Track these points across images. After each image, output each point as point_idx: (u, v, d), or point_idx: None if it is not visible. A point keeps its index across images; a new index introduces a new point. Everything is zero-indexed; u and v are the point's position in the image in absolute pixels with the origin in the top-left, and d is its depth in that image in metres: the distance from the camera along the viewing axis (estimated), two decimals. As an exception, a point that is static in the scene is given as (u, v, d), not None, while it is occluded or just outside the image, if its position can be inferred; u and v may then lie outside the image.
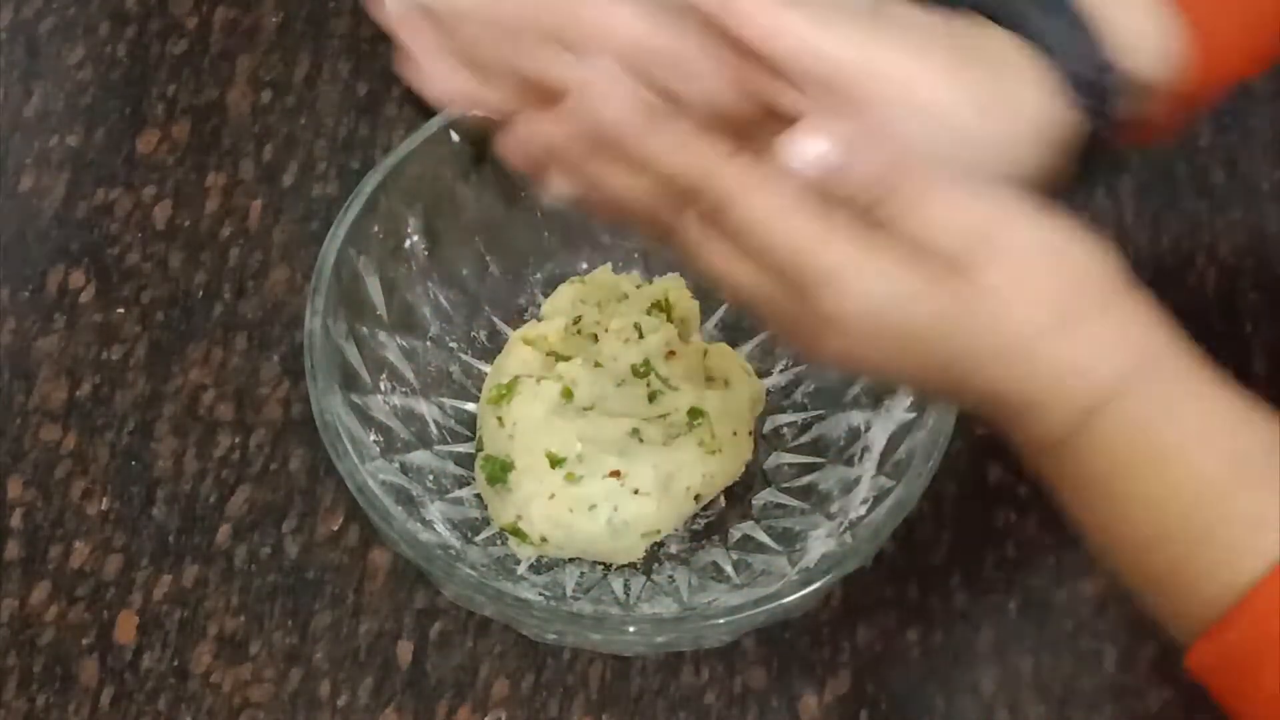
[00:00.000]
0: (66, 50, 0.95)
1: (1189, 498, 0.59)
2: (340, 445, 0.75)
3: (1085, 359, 0.60)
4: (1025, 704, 0.79)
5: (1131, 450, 0.60)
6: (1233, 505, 0.59)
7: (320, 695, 0.80)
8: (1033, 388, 0.60)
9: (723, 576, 0.79)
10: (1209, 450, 0.59)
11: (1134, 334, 0.60)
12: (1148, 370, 0.60)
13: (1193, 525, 0.59)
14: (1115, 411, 0.59)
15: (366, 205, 0.79)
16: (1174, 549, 0.59)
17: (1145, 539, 0.60)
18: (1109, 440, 0.60)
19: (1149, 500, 0.60)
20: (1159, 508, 0.60)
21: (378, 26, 0.94)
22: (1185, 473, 0.59)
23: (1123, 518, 0.61)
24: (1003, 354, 0.60)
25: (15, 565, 0.83)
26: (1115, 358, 0.60)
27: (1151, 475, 0.59)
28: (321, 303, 0.77)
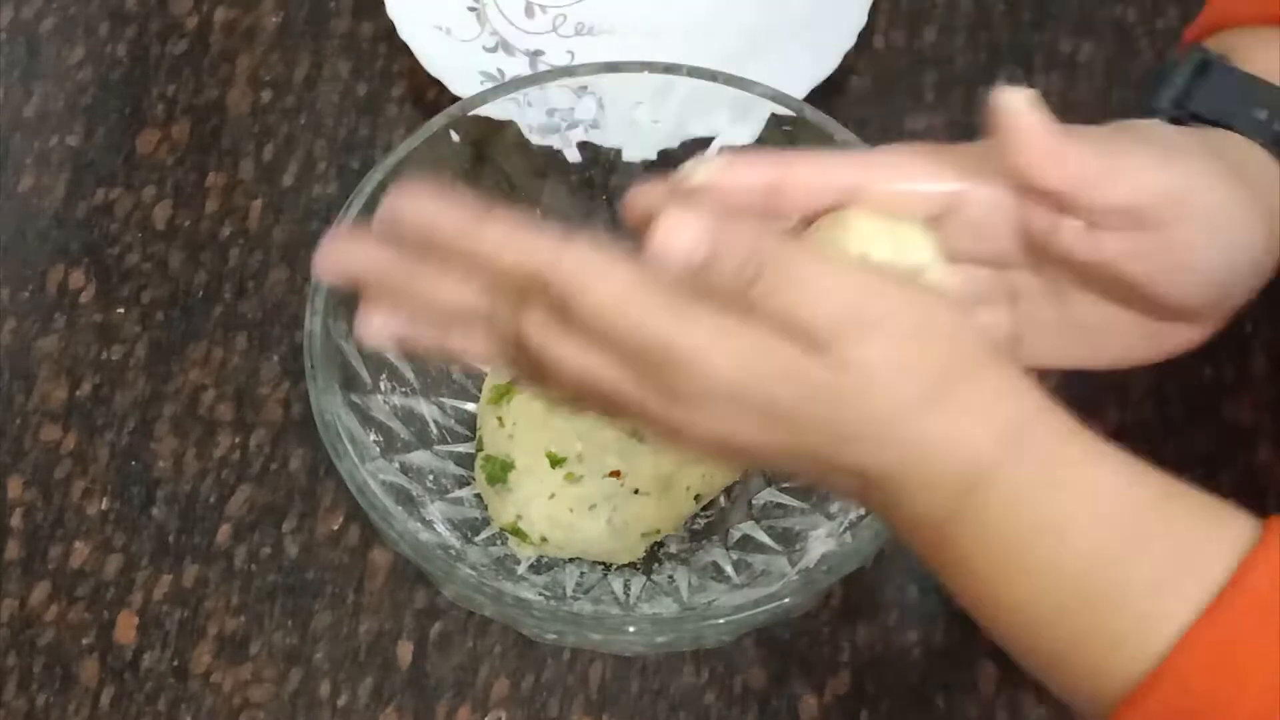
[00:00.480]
0: (66, 50, 0.95)
1: (1083, 568, 0.57)
2: (340, 445, 0.75)
3: (956, 432, 0.57)
4: (1025, 704, 0.79)
5: (1017, 526, 0.57)
6: (1131, 570, 0.57)
7: (320, 695, 0.80)
8: (904, 466, 0.58)
9: (723, 576, 0.79)
10: (1096, 516, 0.57)
11: (1005, 403, 0.58)
12: (1023, 439, 0.58)
13: (1091, 596, 0.57)
14: (994, 487, 0.57)
15: (366, 205, 0.79)
16: (1074, 623, 0.57)
17: (1042, 616, 0.58)
18: (991, 517, 0.58)
19: (1041, 575, 0.57)
20: (1053, 582, 0.57)
21: (378, 26, 0.95)
22: (1076, 543, 0.57)
23: (1016, 596, 0.58)
24: (871, 431, 0.58)
25: (15, 565, 0.83)
26: (987, 429, 0.58)
27: (1041, 550, 0.57)
28: (321, 303, 0.77)
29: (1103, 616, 0.57)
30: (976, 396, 0.58)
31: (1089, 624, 0.57)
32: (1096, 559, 0.57)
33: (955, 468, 0.58)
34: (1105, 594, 0.57)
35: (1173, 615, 0.56)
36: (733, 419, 0.58)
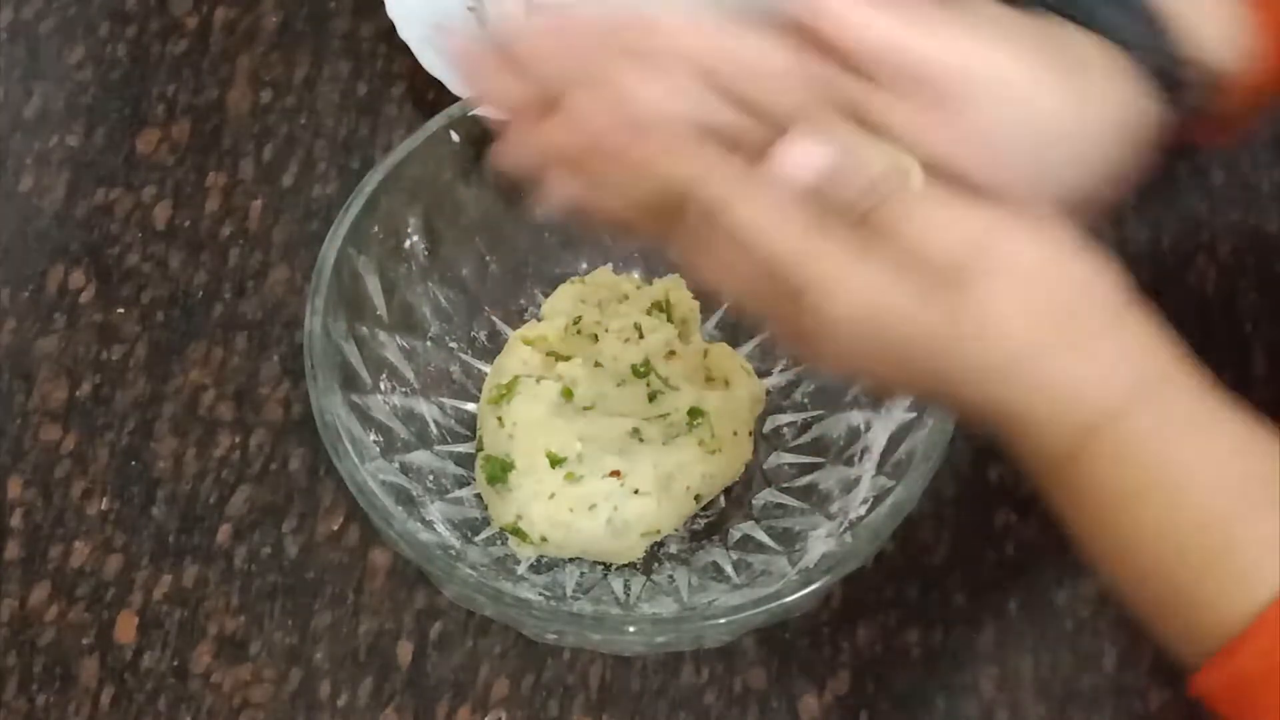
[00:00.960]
0: (66, 50, 0.95)
1: (1194, 523, 0.58)
2: (340, 445, 0.75)
3: (1081, 378, 0.59)
4: (1025, 704, 0.79)
5: (1134, 473, 0.59)
6: (1238, 530, 0.58)
7: (320, 695, 0.80)
8: (1026, 406, 0.59)
9: (723, 576, 0.79)
10: (1213, 474, 0.59)
11: (1136, 354, 0.60)
12: (1150, 391, 0.59)
13: (1198, 551, 0.58)
14: (1116, 433, 0.59)
15: (366, 205, 0.79)
16: (1179, 574, 0.59)
17: (1150, 564, 0.59)
18: (1110, 462, 0.59)
19: (1153, 525, 0.59)
20: (1163, 533, 0.59)
21: (378, 26, 0.95)
22: (1189, 497, 0.58)
23: (1127, 542, 0.60)
24: (995, 371, 0.59)
25: (15, 565, 0.83)
26: (1114, 377, 0.59)
27: (1155, 499, 0.59)
28: (321, 303, 0.77)
29: (1208, 569, 0.58)
30: (1105, 345, 0.59)
31: (1194, 574, 0.58)
32: (1210, 512, 0.58)
33: (1077, 414, 0.59)
34: (1214, 547, 0.58)
35: (1270, 579, 0.57)
36: (857, 346, 0.60)
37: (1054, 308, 0.59)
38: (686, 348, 0.82)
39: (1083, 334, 0.59)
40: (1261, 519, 0.58)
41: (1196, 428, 0.59)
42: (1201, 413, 0.60)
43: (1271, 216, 0.90)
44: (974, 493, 0.83)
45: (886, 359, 0.60)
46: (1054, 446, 0.60)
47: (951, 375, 0.60)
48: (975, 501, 0.83)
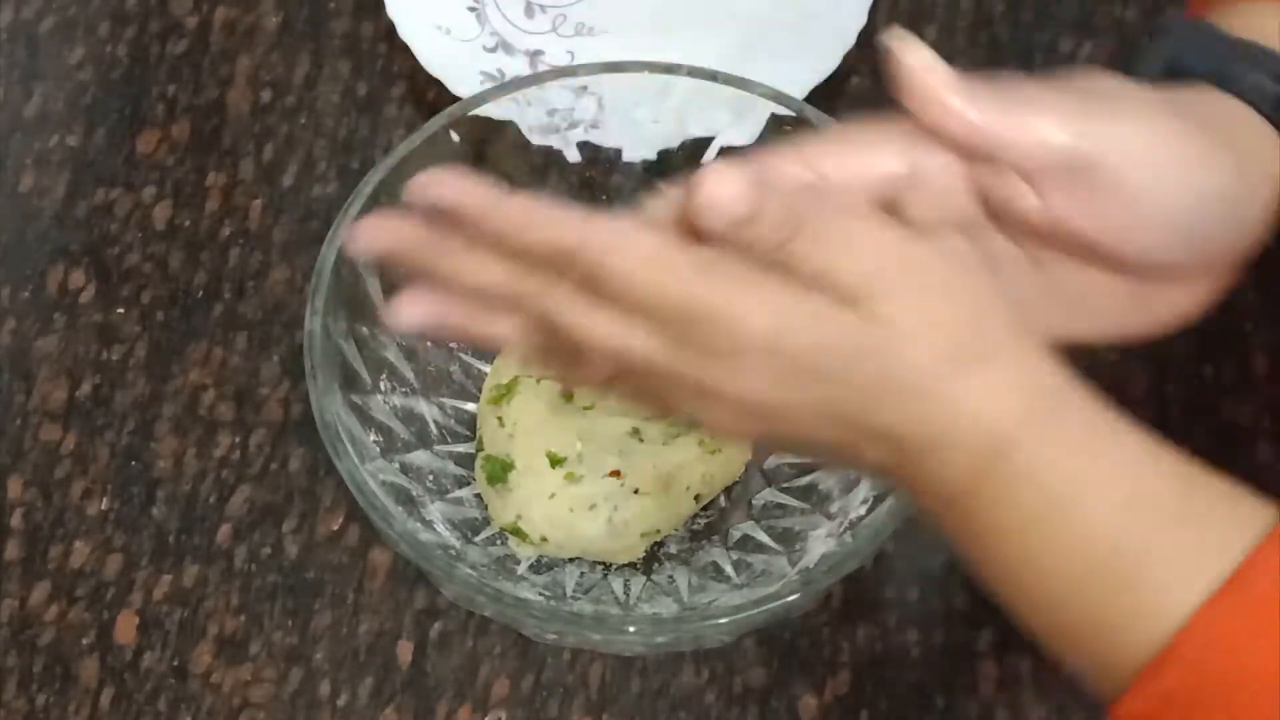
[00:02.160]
0: (66, 50, 0.95)
1: (1100, 543, 0.57)
2: (340, 445, 0.75)
3: (982, 399, 0.58)
4: (1025, 704, 0.79)
5: (1037, 497, 0.58)
6: (1147, 549, 0.57)
7: (320, 695, 0.80)
8: (930, 428, 0.58)
9: (723, 576, 0.79)
10: (1116, 494, 0.58)
11: (1034, 374, 0.59)
12: (1050, 412, 0.58)
13: (1107, 574, 0.57)
14: (1018, 456, 0.58)
15: (366, 205, 0.79)
16: (1089, 600, 0.58)
17: (1058, 592, 0.58)
18: (1011, 490, 0.58)
19: (1058, 551, 0.58)
20: (1069, 558, 0.58)
21: (378, 26, 0.95)
22: (1094, 518, 0.57)
23: (1033, 571, 0.59)
24: (899, 390, 0.58)
25: (15, 565, 0.83)
26: (1012, 399, 0.58)
27: (1059, 522, 0.58)
28: (321, 303, 0.77)
29: (1117, 593, 0.57)
30: (1006, 364, 0.58)
31: (1103, 600, 0.57)
32: (1114, 535, 0.57)
33: (982, 432, 0.58)
34: (1121, 570, 0.57)
35: (1186, 596, 0.56)
36: (765, 375, 0.58)
37: (953, 329, 0.58)
38: (686, 348, 0.82)
39: (979, 356, 0.58)
40: (1164, 539, 0.57)
41: (1095, 448, 0.58)
42: (1099, 432, 0.59)
43: (1271, 216, 0.90)
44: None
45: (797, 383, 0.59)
46: (955, 476, 0.59)
47: (855, 400, 0.59)
48: (975, 501, 0.83)
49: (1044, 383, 0.59)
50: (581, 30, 0.95)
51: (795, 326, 0.58)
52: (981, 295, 0.59)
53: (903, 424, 0.59)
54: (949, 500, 0.59)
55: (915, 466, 0.59)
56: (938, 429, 0.58)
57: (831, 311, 0.58)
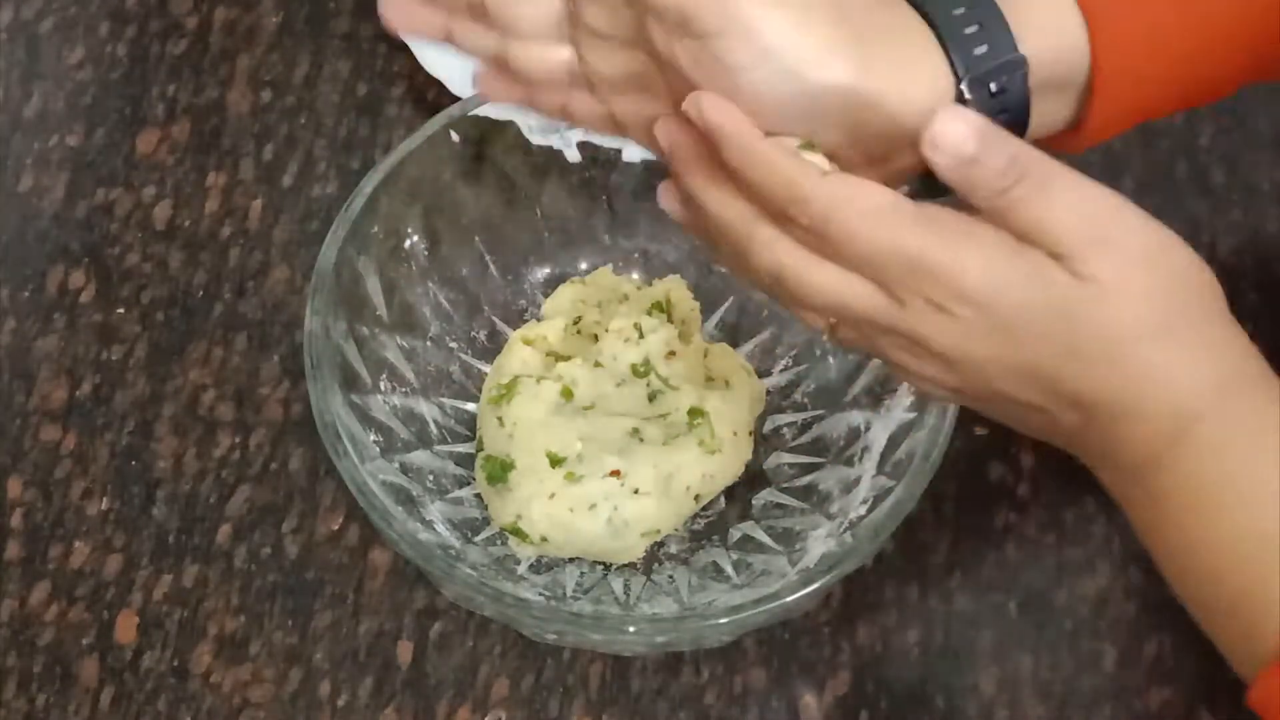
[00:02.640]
0: (66, 50, 0.95)
1: (1260, 532, 0.59)
2: (340, 445, 0.75)
3: (1180, 366, 0.60)
4: (1025, 704, 0.79)
5: (1212, 477, 0.60)
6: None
7: (320, 695, 0.80)
8: (1124, 395, 0.60)
9: (723, 576, 0.79)
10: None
11: (1227, 353, 0.61)
12: (1239, 393, 0.60)
13: (1260, 560, 0.59)
14: (1201, 435, 0.60)
15: (366, 205, 0.79)
16: (1239, 583, 0.60)
17: (1215, 569, 0.60)
18: (1191, 465, 0.60)
19: (1223, 529, 0.60)
20: (1231, 538, 0.60)
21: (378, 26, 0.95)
22: (1261, 506, 0.59)
23: (1194, 547, 0.61)
24: (1098, 348, 0.60)
25: (15, 565, 0.83)
26: (1204, 376, 0.60)
27: (1230, 504, 0.60)
28: (321, 303, 0.77)
29: (1264, 584, 0.59)
30: (1203, 338, 0.61)
31: (1250, 587, 0.59)
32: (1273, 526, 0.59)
33: (1172, 404, 0.60)
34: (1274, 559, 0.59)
35: None
36: (975, 329, 0.61)
37: (1158, 295, 0.60)
38: (686, 348, 0.82)
39: (1180, 325, 0.60)
40: None
41: (1271, 438, 0.60)
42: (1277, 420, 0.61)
43: (1271, 216, 0.90)
44: (974, 493, 0.83)
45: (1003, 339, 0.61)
46: (1143, 445, 0.61)
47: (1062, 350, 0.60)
48: (975, 501, 0.83)
49: (1235, 366, 0.61)
50: (581, 30, 0.95)
51: (1010, 281, 0.60)
52: (1183, 271, 0.61)
53: (1098, 390, 0.61)
54: (1130, 469, 0.61)
55: (1103, 433, 0.61)
56: (1130, 396, 0.60)
57: (1043, 267, 0.60)
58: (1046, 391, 0.62)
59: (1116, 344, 0.60)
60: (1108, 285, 0.59)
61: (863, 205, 0.61)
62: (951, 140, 0.59)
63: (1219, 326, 0.61)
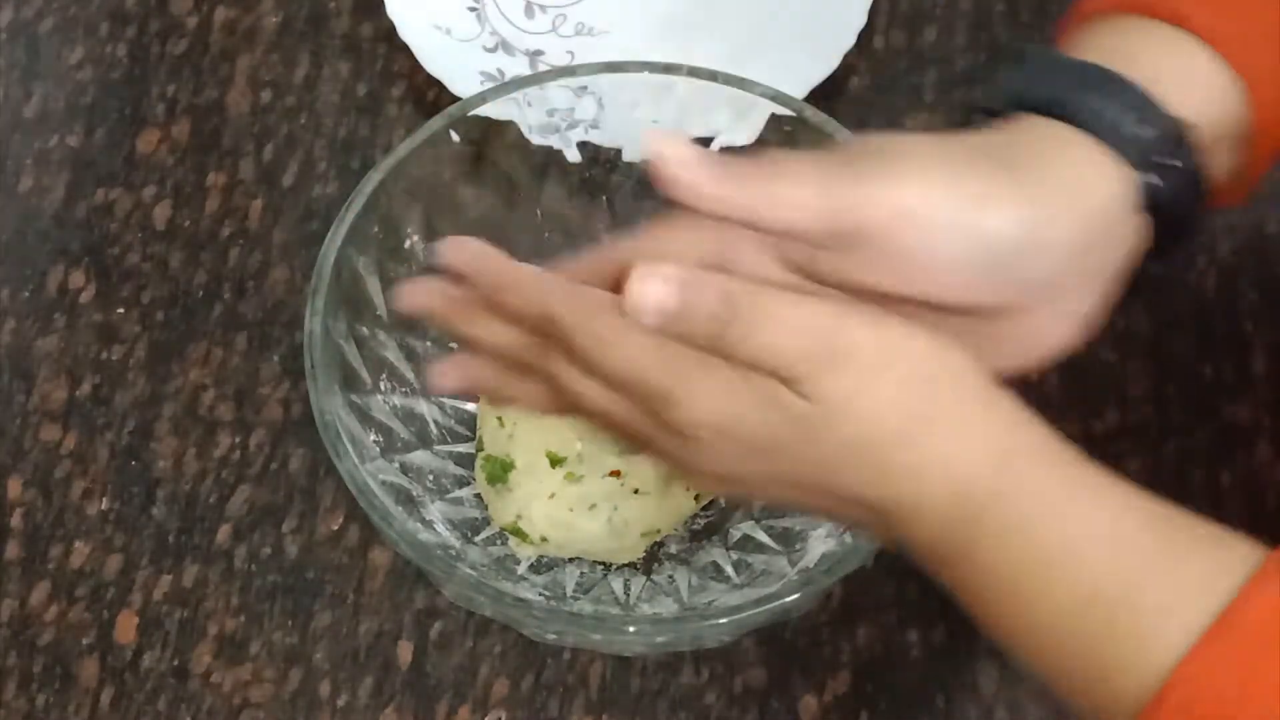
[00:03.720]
0: (66, 50, 0.95)
1: (1084, 596, 0.58)
2: (340, 445, 0.75)
3: (947, 461, 0.59)
4: (1025, 704, 0.79)
5: (1018, 556, 0.59)
6: (1131, 597, 0.57)
7: (320, 695, 0.80)
8: (897, 492, 0.60)
9: (723, 576, 0.79)
10: (1096, 545, 0.58)
11: (1000, 429, 0.60)
12: (1022, 469, 0.59)
13: (1093, 624, 0.58)
14: (994, 515, 0.59)
15: (366, 205, 0.79)
16: (1079, 649, 0.58)
17: (1049, 641, 0.59)
18: (993, 547, 0.59)
19: (1044, 603, 0.59)
20: (1055, 610, 0.58)
21: (378, 26, 0.95)
22: (1077, 572, 0.58)
23: (1023, 622, 0.60)
24: (855, 461, 0.59)
25: (15, 565, 0.83)
26: (981, 457, 0.59)
27: (1043, 578, 0.58)
28: (321, 303, 0.77)
29: (1104, 641, 0.58)
30: (964, 422, 0.59)
31: (1092, 649, 0.58)
32: (1097, 587, 0.58)
33: (953, 493, 0.59)
34: (1107, 621, 0.58)
35: (1174, 641, 0.56)
36: (724, 452, 0.61)
37: (907, 393, 0.59)
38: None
39: (943, 414, 0.59)
40: (1148, 585, 0.58)
41: (1071, 502, 0.59)
42: (1075, 486, 0.59)
43: (1271, 217, 0.90)
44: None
45: (755, 462, 0.61)
46: (935, 537, 0.60)
47: (815, 470, 0.60)
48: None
49: (1012, 440, 0.59)
50: (581, 30, 0.95)
51: (740, 410, 0.60)
52: (924, 363, 0.60)
53: (868, 489, 0.60)
54: (935, 559, 0.61)
55: (894, 528, 0.61)
56: (906, 493, 0.59)
57: (773, 393, 0.59)
58: (820, 494, 0.61)
59: (868, 451, 0.59)
60: (839, 403, 0.59)
61: (601, 330, 0.61)
62: (653, 301, 0.58)
63: (980, 404, 0.60)
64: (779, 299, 0.59)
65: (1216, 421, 0.85)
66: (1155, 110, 0.64)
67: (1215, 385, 0.86)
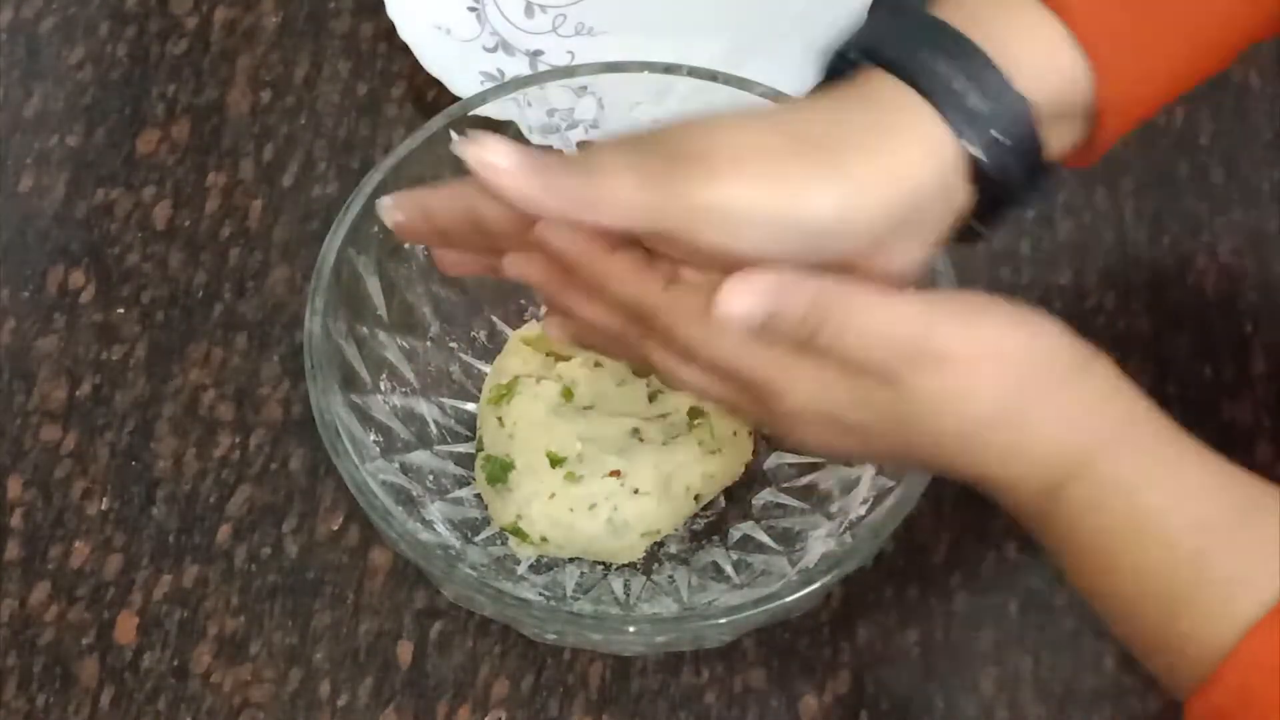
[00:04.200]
0: (66, 50, 0.95)
1: (1164, 563, 0.60)
2: (340, 445, 0.75)
3: (1046, 438, 0.62)
4: (1025, 704, 0.79)
5: (1107, 518, 0.61)
6: (1208, 569, 0.60)
7: (320, 695, 0.80)
8: (988, 471, 0.63)
9: (723, 576, 0.79)
10: (1182, 516, 0.61)
11: (1097, 405, 0.62)
12: (1116, 438, 0.62)
13: (1172, 590, 0.60)
14: (1088, 480, 0.61)
15: (366, 205, 0.79)
16: (1157, 612, 0.61)
17: (1130, 602, 0.62)
18: (1084, 509, 0.61)
19: (1129, 566, 0.61)
20: (1138, 573, 0.61)
21: (378, 26, 0.95)
22: (1159, 540, 0.60)
23: (1107, 582, 0.62)
24: (949, 444, 0.63)
25: (15, 565, 0.83)
26: (1078, 430, 0.62)
27: (1130, 541, 0.61)
28: (321, 303, 0.77)
29: (1181, 608, 0.60)
30: (1068, 401, 0.62)
31: (1168, 614, 0.60)
32: (1177, 556, 0.60)
33: (1038, 474, 0.62)
34: (1184, 588, 0.60)
35: (1241, 614, 0.58)
36: (825, 433, 0.64)
37: (1000, 386, 0.62)
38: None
39: (1036, 401, 0.62)
40: (1228, 555, 0.60)
41: (1162, 471, 0.61)
42: (1166, 456, 0.62)
43: (1271, 216, 0.90)
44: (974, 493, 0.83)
45: (855, 442, 0.64)
46: (1029, 501, 0.63)
47: (915, 449, 0.64)
48: (975, 501, 0.83)
49: (1111, 409, 0.62)
50: (581, 30, 0.95)
51: (839, 400, 0.63)
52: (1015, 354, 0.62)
53: (965, 468, 0.64)
54: (1027, 517, 0.63)
55: (990, 493, 0.64)
56: (1001, 471, 0.63)
57: (869, 388, 0.62)
58: (926, 465, 0.67)
59: (963, 440, 0.62)
60: (933, 401, 0.62)
61: (694, 324, 0.63)
62: (741, 312, 0.61)
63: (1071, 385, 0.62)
64: (867, 302, 0.62)
65: (1216, 421, 0.85)
66: (1000, 84, 0.64)
67: (1215, 385, 0.86)
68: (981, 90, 0.64)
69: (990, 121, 0.64)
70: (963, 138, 0.64)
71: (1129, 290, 0.88)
